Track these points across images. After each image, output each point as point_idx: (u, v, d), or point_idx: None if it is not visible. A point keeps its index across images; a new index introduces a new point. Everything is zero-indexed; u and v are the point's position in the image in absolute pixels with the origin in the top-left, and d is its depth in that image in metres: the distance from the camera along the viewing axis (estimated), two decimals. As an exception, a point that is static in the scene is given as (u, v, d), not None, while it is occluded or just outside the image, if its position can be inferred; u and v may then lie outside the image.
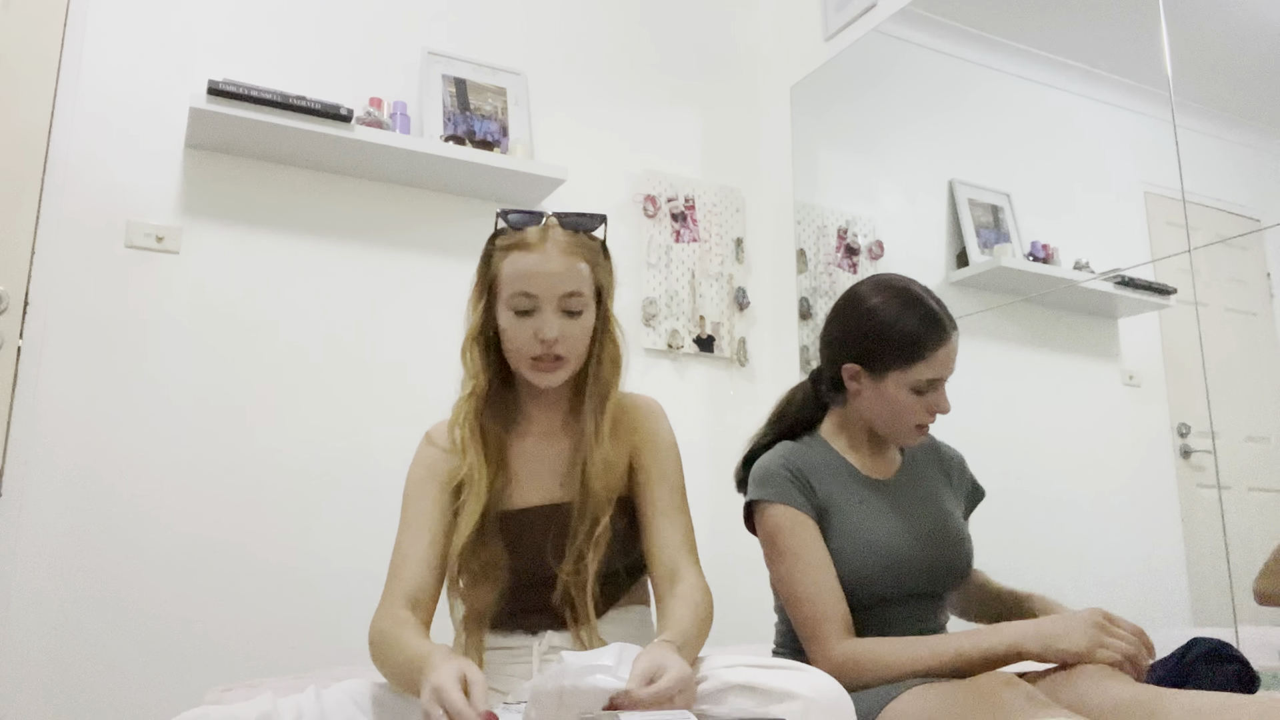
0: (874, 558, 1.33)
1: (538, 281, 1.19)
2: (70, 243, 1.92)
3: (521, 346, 1.21)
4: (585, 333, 1.23)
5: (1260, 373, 1.53)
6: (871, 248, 2.38)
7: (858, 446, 1.44)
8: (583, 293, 1.21)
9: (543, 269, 1.19)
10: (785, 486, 1.35)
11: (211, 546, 1.93)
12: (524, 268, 1.19)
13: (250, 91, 1.95)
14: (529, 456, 1.28)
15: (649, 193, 2.57)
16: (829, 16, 2.57)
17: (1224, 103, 1.63)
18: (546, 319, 1.19)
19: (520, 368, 1.24)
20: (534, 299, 1.19)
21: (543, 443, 1.29)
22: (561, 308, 1.20)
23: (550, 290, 1.19)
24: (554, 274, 1.19)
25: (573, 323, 1.21)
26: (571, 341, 1.21)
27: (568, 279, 1.19)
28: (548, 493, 1.26)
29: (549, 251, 1.20)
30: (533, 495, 1.26)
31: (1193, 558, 1.59)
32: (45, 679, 1.76)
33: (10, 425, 1.81)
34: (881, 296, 1.37)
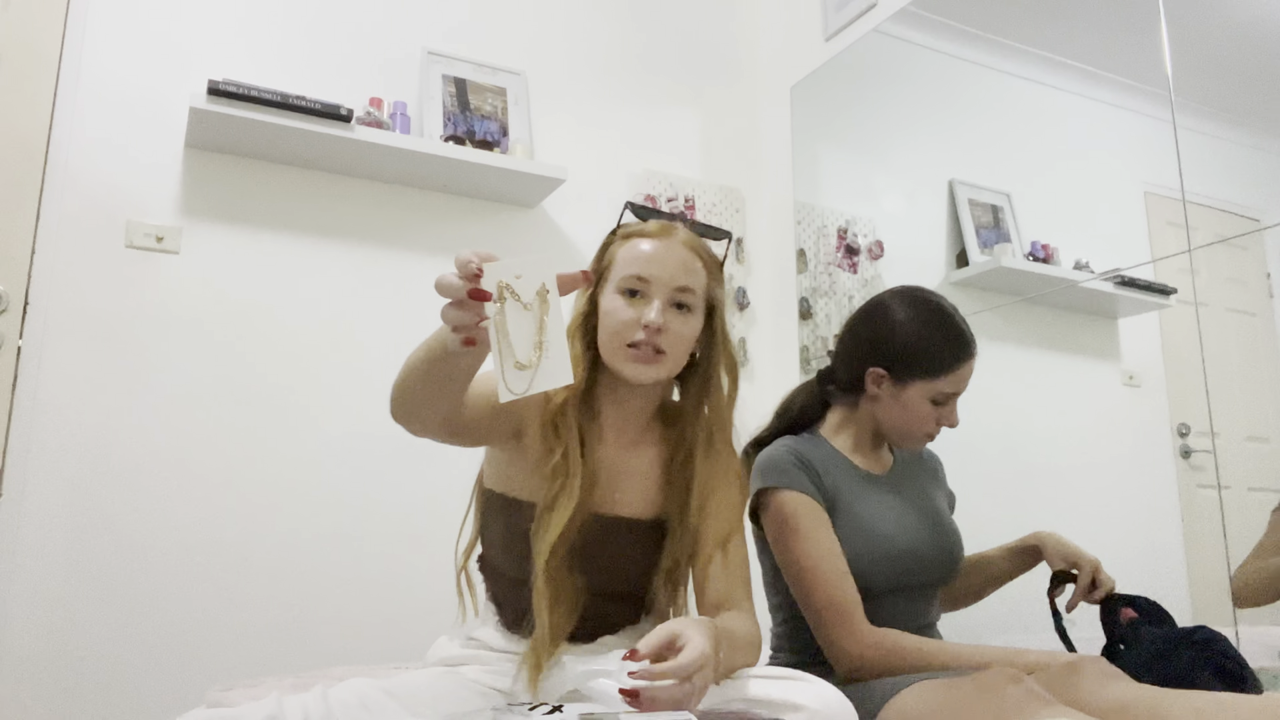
0: (878, 549, 1.35)
1: (654, 267, 1.15)
2: (70, 243, 1.92)
3: (622, 330, 1.15)
4: (690, 334, 1.18)
5: (1260, 373, 1.53)
6: (871, 248, 2.38)
7: (858, 445, 1.49)
8: (695, 290, 1.17)
9: (660, 255, 1.16)
10: (795, 473, 1.38)
11: (211, 546, 1.93)
12: (642, 252, 1.16)
13: (250, 91, 1.95)
14: (610, 464, 1.21)
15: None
16: (829, 16, 2.57)
17: (1224, 103, 1.63)
18: (655, 305, 1.14)
19: (614, 357, 1.16)
20: (646, 284, 1.15)
21: (626, 452, 1.22)
22: (672, 300, 1.15)
23: (665, 279, 1.15)
24: (671, 263, 1.16)
25: (680, 318, 1.16)
26: (675, 337, 1.15)
27: (684, 272, 1.16)
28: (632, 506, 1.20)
29: (670, 242, 1.17)
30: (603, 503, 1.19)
31: (1192, 558, 1.59)
32: (45, 679, 1.76)
33: (10, 425, 1.81)
34: (917, 310, 1.43)
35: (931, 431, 1.43)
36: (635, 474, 1.21)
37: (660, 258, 1.16)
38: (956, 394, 1.41)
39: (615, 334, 1.15)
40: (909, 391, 1.40)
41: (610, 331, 1.16)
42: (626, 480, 1.21)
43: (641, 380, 1.16)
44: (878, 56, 2.39)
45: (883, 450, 1.52)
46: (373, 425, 2.10)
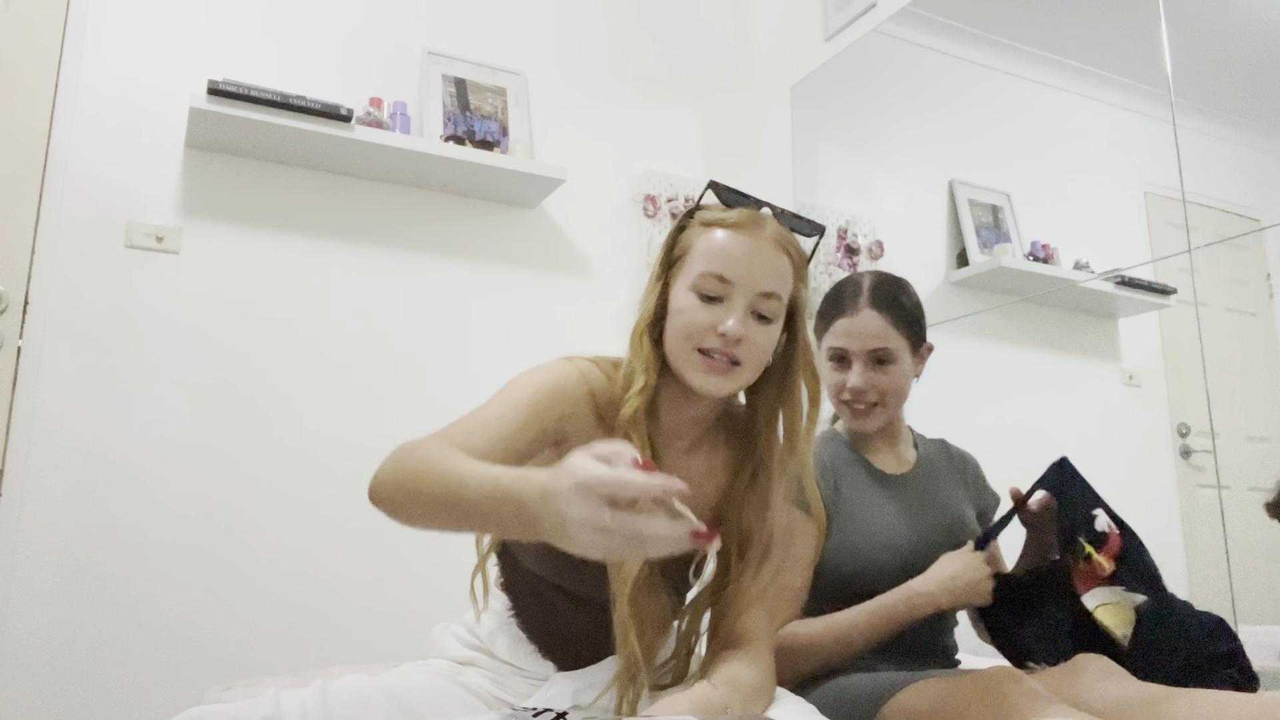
0: (881, 550, 1.36)
1: (736, 266, 1.02)
2: (70, 243, 1.92)
3: (695, 335, 1.02)
4: (770, 345, 1.05)
5: (1260, 373, 1.53)
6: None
7: (869, 442, 1.49)
8: (780, 297, 1.04)
9: (746, 254, 1.02)
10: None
11: (211, 546, 1.93)
12: (724, 247, 1.03)
13: (250, 91, 1.95)
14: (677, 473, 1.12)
15: (649, 193, 2.56)
16: (829, 16, 2.57)
17: (1224, 103, 1.63)
18: (735, 311, 1.01)
19: (682, 362, 1.04)
20: (727, 285, 1.02)
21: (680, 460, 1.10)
22: (754, 307, 1.02)
23: (749, 281, 1.02)
24: (757, 263, 1.02)
25: (761, 329, 1.03)
26: (754, 349, 1.03)
27: (770, 275, 1.03)
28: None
29: (758, 238, 1.04)
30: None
31: (1193, 558, 1.59)
32: (45, 679, 1.76)
33: (10, 425, 1.81)
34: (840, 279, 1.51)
35: (844, 398, 1.42)
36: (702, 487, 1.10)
37: (746, 257, 1.02)
38: (846, 350, 1.41)
39: (688, 338, 1.03)
40: (820, 355, 1.45)
41: (682, 335, 1.03)
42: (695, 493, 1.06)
43: (711, 393, 1.04)
44: (878, 56, 2.39)
45: (902, 447, 1.50)
46: (373, 424, 2.10)
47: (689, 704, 0.91)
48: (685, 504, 0.75)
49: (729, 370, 1.02)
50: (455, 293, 2.28)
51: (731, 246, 1.03)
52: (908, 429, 1.55)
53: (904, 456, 1.50)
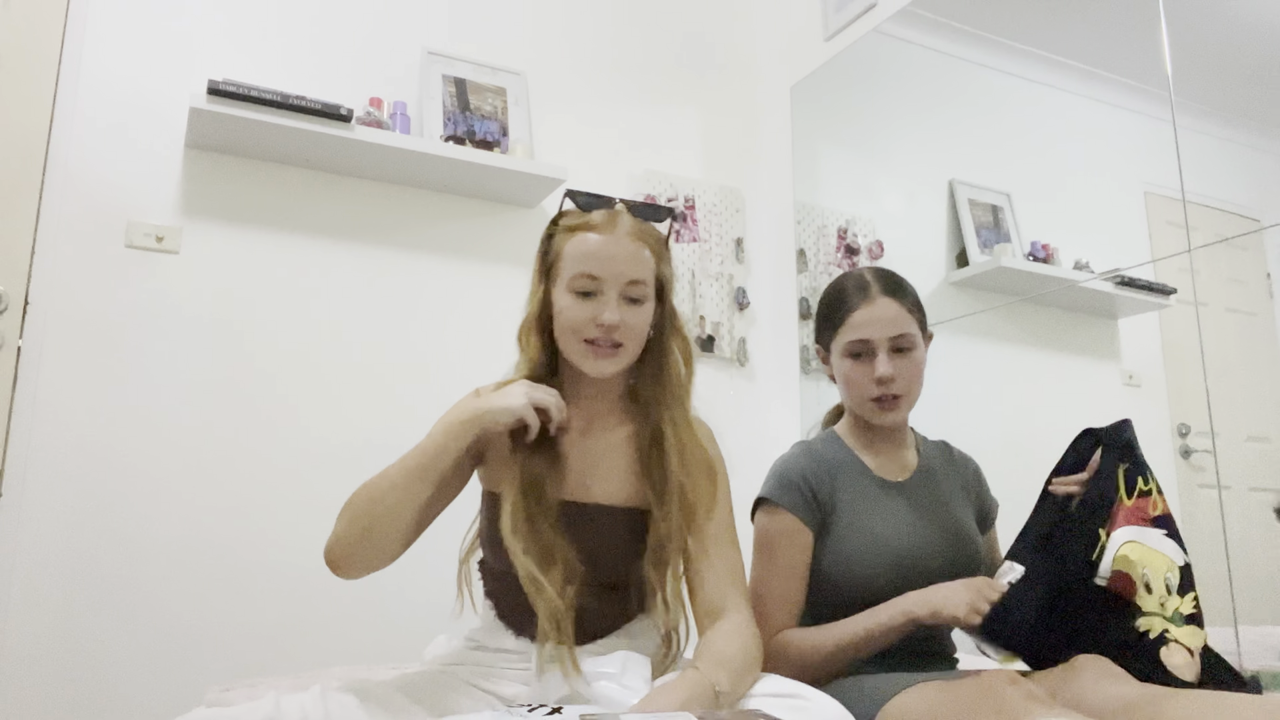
0: (879, 556, 1.34)
1: (603, 264, 1.15)
2: (70, 243, 1.92)
3: (579, 329, 1.16)
4: (644, 323, 1.19)
5: (1260, 373, 1.53)
6: (871, 248, 2.38)
7: (870, 445, 1.46)
8: (646, 281, 1.18)
9: (609, 252, 1.16)
10: (792, 493, 1.38)
11: (211, 546, 1.93)
12: (590, 249, 1.16)
13: (250, 91, 1.95)
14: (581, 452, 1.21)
15: (649, 193, 2.57)
16: (829, 16, 2.57)
17: (1224, 103, 1.63)
18: (608, 303, 1.15)
19: (573, 353, 1.19)
20: (597, 281, 1.16)
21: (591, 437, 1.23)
22: (624, 294, 1.16)
23: (615, 274, 1.16)
24: (620, 258, 1.16)
25: (634, 311, 1.17)
26: (631, 330, 1.17)
27: (634, 265, 1.16)
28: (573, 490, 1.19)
29: (617, 235, 1.17)
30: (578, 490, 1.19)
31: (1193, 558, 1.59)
32: (45, 679, 1.76)
33: (10, 425, 1.81)
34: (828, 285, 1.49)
35: (871, 392, 1.39)
36: (606, 460, 1.22)
37: (609, 254, 1.16)
38: (867, 340, 1.38)
39: (574, 332, 1.17)
40: (834, 357, 1.44)
41: (568, 330, 1.17)
42: (598, 467, 1.21)
43: (603, 374, 1.19)
44: (878, 56, 2.39)
45: (903, 452, 1.47)
46: (373, 423, 2.10)
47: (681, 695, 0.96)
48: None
49: (614, 353, 1.17)
50: (455, 292, 2.28)
51: (596, 247, 1.16)
52: (911, 430, 1.53)
53: (905, 461, 1.47)
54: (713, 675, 1.01)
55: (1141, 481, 1.29)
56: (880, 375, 1.37)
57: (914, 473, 1.46)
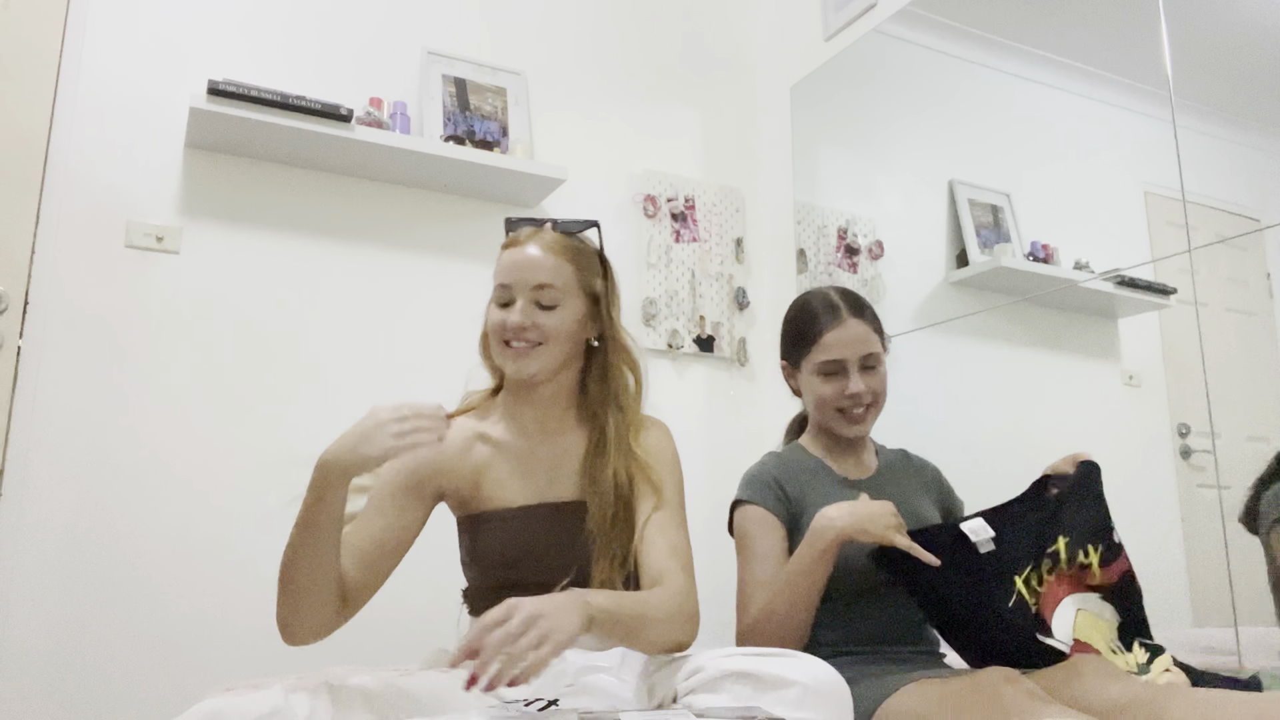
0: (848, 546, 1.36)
1: (513, 272, 1.26)
2: (70, 243, 1.92)
3: (496, 333, 1.27)
4: (560, 325, 1.27)
5: (1260, 373, 1.53)
6: (871, 248, 2.38)
7: (831, 449, 1.57)
8: (555, 285, 1.26)
9: (518, 261, 1.27)
10: (765, 490, 1.49)
11: (212, 546, 1.93)
12: (505, 262, 1.28)
13: (250, 91, 1.95)
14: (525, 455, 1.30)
15: (649, 193, 2.57)
16: (829, 16, 2.57)
17: (1224, 103, 1.63)
18: (516, 307, 1.25)
19: (498, 358, 1.29)
20: (509, 290, 1.26)
21: (540, 443, 1.32)
22: (533, 299, 1.26)
23: (522, 280, 1.26)
24: (528, 266, 1.26)
25: (546, 314, 1.26)
26: (544, 329, 1.26)
27: (540, 271, 1.26)
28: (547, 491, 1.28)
29: (530, 247, 1.28)
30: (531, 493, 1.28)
31: (1193, 558, 1.59)
32: (45, 679, 1.76)
33: (10, 425, 1.81)
34: (794, 302, 1.59)
35: (842, 406, 1.49)
36: (558, 462, 1.30)
37: (518, 263, 1.27)
38: (840, 360, 1.48)
39: (494, 337, 1.29)
40: (803, 375, 1.54)
41: (491, 338, 1.30)
42: (552, 469, 1.30)
43: (521, 375, 1.27)
44: (878, 56, 2.39)
45: (862, 454, 1.58)
46: (373, 425, 2.10)
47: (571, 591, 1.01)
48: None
49: (529, 351, 1.26)
50: (455, 293, 2.28)
51: (509, 259, 1.28)
52: (870, 440, 1.63)
53: (865, 463, 1.58)
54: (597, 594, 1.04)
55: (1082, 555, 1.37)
56: (853, 392, 1.48)
57: (874, 472, 1.56)
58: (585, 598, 1.00)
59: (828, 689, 0.97)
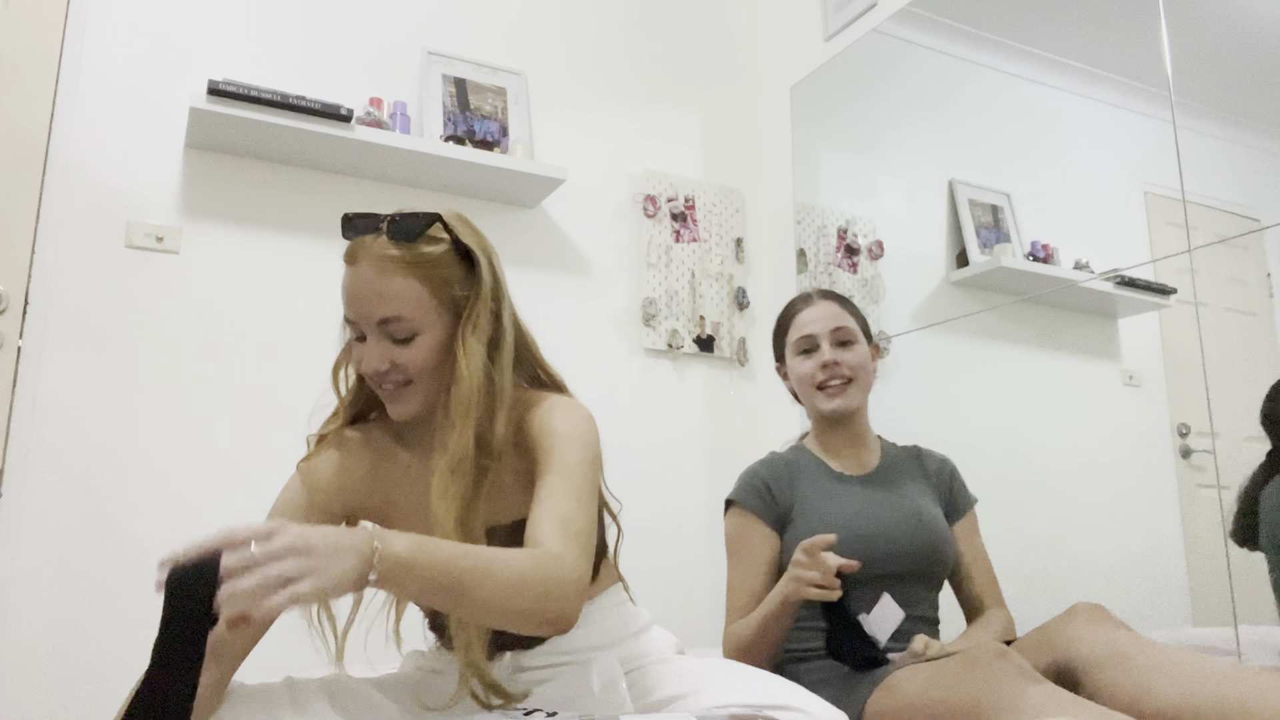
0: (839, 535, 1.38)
1: (353, 306, 1.06)
2: (70, 243, 1.92)
3: (365, 375, 1.08)
4: (422, 357, 1.05)
5: (1260, 373, 1.53)
6: (871, 248, 2.38)
7: (831, 448, 1.60)
8: (403, 316, 1.04)
9: (353, 290, 1.06)
10: (752, 495, 1.53)
11: (211, 546, 1.93)
12: (344, 287, 1.07)
13: (250, 91, 1.95)
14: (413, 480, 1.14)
15: (649, 193, 2.57)
16: (829, 16, 2.57)
17: (1224, 103, 1.63)
18: (369, 348, 1.05)
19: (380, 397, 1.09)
20: (357, 325, 1.07)
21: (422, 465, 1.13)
22: (385, 334, 1.04)
23: (364, 317, 1.05)
24: (362, 297, 1.05)
25: (402, 350, 1.04)
26: (408, 369, 1.04)
27: (378, 303, 1.04)
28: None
29: (361, 269, 1.06)
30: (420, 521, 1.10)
31: (1193, 558, 1.59)
32: (45, 678, 1.76)
33: (10, 425, 1.81)
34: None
35: (820, 379, 1.54)
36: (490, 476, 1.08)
37: (353, 293, 1.06)
38: (811, 334, 1.56)
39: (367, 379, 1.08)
40: (788, 364, 1.61)
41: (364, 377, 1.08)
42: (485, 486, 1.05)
43: (403, 417, 1.08)
44: (878, 56, 2.39)
45: (864, 453, 1.60)
46: (373, 425, 2.10)
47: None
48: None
49: (403, 393, 1.05)
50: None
51: (347, 285, 1.07)
52: (876, 437, 1.64)
53: (865, 461, 1.59)
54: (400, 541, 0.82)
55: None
56: (825, 360, 1.53)
57: (874, 469, 1.58)
58: (383, 543, 0.79)
59: None
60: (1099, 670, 1.10)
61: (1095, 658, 1.11)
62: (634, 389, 2.45)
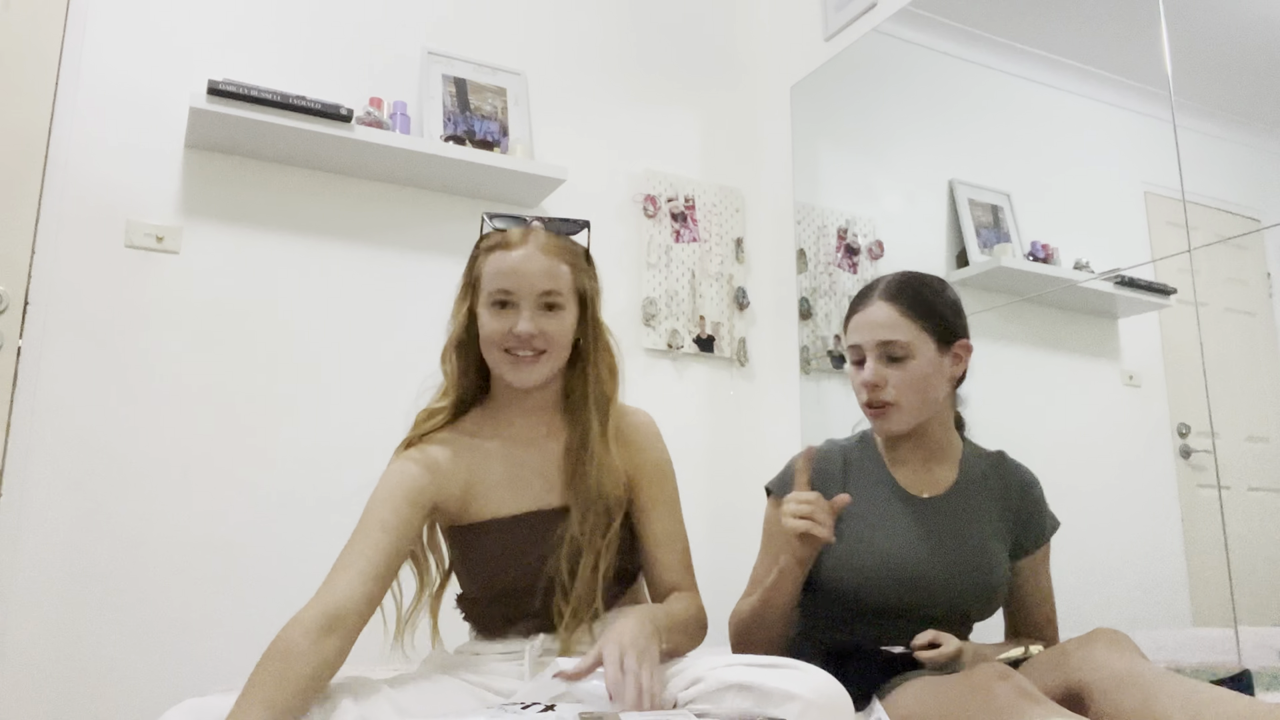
0: (886, 573, 1.32)
1: (516, 278, 1.22)
2: (70, 243, 1.92)
3: (498, 340, 1.23)
4: (564, 331, 1.25)
5: (1260, 373, 1.53)
6: (871, 248, 2.38)
7: (905, 458, 1.41)
8: (560, 291, 1.24)
9: (522, 267, 1.22)
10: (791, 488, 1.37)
11: (212, 546, 1.93)
12: (505, 265, 1.23)
13: (250, 91, 1.95)
14: (514, 463, 1.28)
15: (649, 193, 2.57)
16: (829, 16, 2.57)
17: (1224, 103, 1.63)
18: (523, 314, 1.22)
19: (496, 365, 1.25)
20: (512, 295, 1.22)
21: (528, 450, 1.29)
22: (539, 304, 1.23)
23: (529, 287, 1.22)
24: (532, 272, 1.22)
25: (550, 319, 1.23)
26: (549, 337, 1.23)
27: (545, 277, 1.23)
28: (537, 499, 1.26)
29: (529, 250, 1.23)
30: (523, 501, 1.26)
31: (1193, 558, 1.59)
32: (45, 678, 1.76)
33: (10, 425, 1.81)
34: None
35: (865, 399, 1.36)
36: (541, 467, 1.28)
37: (520, 269, 1.23)
38: (857, 345, 1.37)
39: (494, 345, 1.24)
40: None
41: (489, 343, 1.24)
42: (540, 476, 1.27)
43: (525, 384, 1.25)
44: (878, 56, 2.39)
45: (938, 467, 1.41)
46: (373, 424, 2.10)
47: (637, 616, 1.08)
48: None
49: (535, 360, 1.23)
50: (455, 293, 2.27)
51: (511, 264, 1.23)
52: (958, 444, 1.44)
53: (939, 477, 1.39)
54: (654, 613, 1.13)
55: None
56: (864, 380, 1.34)
57: (947, 490, 1.39)
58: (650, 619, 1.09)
59: (829, 702, 0.96)
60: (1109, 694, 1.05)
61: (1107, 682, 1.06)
62: (634, 389, 2.43)
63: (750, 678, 0.99)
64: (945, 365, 1.35)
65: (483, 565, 1.25)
